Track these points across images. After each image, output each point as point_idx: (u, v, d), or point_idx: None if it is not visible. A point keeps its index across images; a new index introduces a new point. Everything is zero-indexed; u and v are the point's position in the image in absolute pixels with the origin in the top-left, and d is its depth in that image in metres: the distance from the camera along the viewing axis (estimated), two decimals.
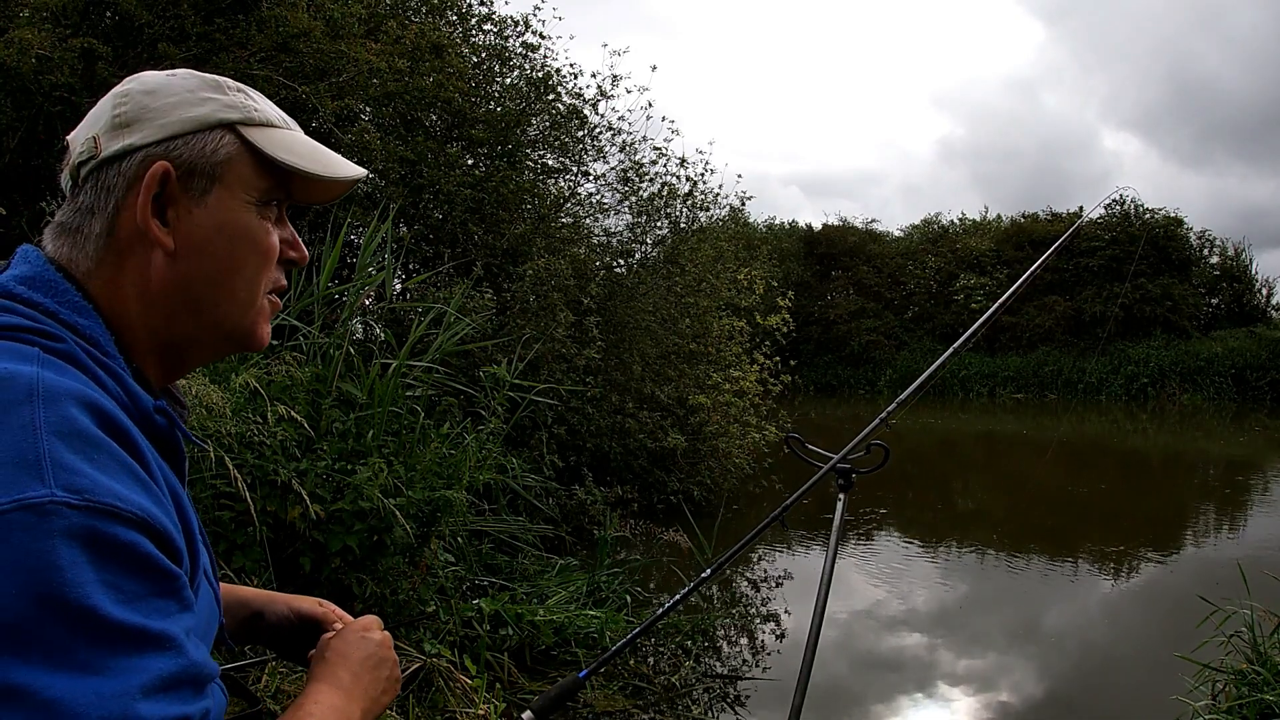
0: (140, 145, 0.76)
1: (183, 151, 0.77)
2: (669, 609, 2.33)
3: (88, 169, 0.77)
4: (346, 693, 0.89)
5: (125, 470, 0.65)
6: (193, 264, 0.77)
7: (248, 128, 0.81)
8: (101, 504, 0.61)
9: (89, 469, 0.62)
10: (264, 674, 2.91)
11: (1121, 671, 4.72)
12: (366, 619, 1.00)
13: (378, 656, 0.95)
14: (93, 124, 0.78)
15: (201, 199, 0.77)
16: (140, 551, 0.62)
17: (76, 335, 0.72)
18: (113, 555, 0.61)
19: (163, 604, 0.63)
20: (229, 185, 0.79)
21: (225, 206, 0.78)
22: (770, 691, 4.31)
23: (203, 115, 0.78)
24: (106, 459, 0.64)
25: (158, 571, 0.64)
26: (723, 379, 8.66)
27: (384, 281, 4.89)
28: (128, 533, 0.62)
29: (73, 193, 0.78)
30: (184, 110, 0.78)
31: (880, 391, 25.04)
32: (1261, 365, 22.83)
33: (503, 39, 8.35)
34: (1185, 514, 9.35)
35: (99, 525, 0.60)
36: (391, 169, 6.81)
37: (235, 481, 2.96)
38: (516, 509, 5.43)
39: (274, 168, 0.81)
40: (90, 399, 0.66)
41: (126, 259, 0.76)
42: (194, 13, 5.71)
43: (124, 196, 0.76)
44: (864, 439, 2.30)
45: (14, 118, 5.21)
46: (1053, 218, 27.61)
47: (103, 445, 0.65)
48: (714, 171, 9.81)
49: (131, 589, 0.61)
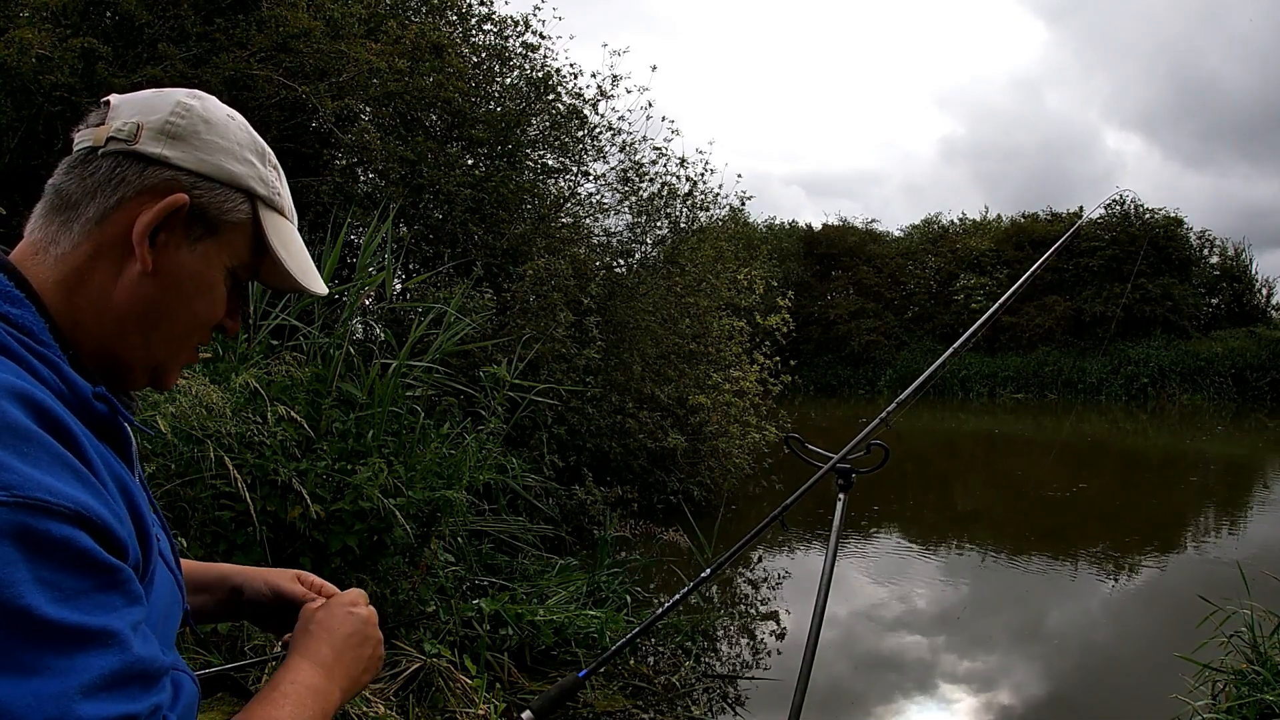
0: (175, 164, 0.78)
1: (204, 194, 0.79)
2: (669, 609, 2.33)
3: (117, 148, 0.77)
4: (328, 671, 0.87)
5: (59, 463, 0.63)
6: (157, 292, 0.77)
7: (265, 208, 0.84)
8: (32, 499, 0.59)
9: (18, 463, 0.60)
10: (264, 674, 2.91)
11: (1121, 671, 4.72)
12: (353, 592, 0.98)
13: (362, 634, 0.93)
14: (144, 111, 0.79)
15: (194, 243, 0.79)
16: (76, 546, 0.61)
17: (8, 325, 0.70)
18: (47, 552, 0.59)
19: (104, 598, 0.62)
20: (221, 244, 0.81)
21: (207, 260, 0.80)
22: (770, 691, 4.31)
23: (238, 174, 0.81)
24: (38, 452, 0.62)
25: (97, 566, 0.62)
26: (723, 379, 8.66)
27: (384, 281, 4.89)
28: (61, 528, 0.60)
29: (87, 157, 0.77)
30: (226, 159, 0.80)
31: (880, 391, 25.05)
32: (1261, 365, 22.85)
33: (503, 39, 8.35)
34: (1185, 514, 9.35)
35: (30, 521, 0.58)
36: (391, 169, 6.81)
37: (235, 481, 2.96)
38: (516, 509, 5.43)
39: (261, 251, 0.84)
40: (21, 390, 0.64)
41: (102, 257, 0.76)
42: (194, 13, 5.71)
43: (132, 197, 0.76)
44: (864, 439, 2.30)
45: (14, 118, 5.22)
46: (1053, 218, 27.63)
47: (33, 438, 0.62)
48: (714, 171, 9.83)
49: (70, 585, 0.60)
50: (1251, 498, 10.39)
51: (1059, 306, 25.67)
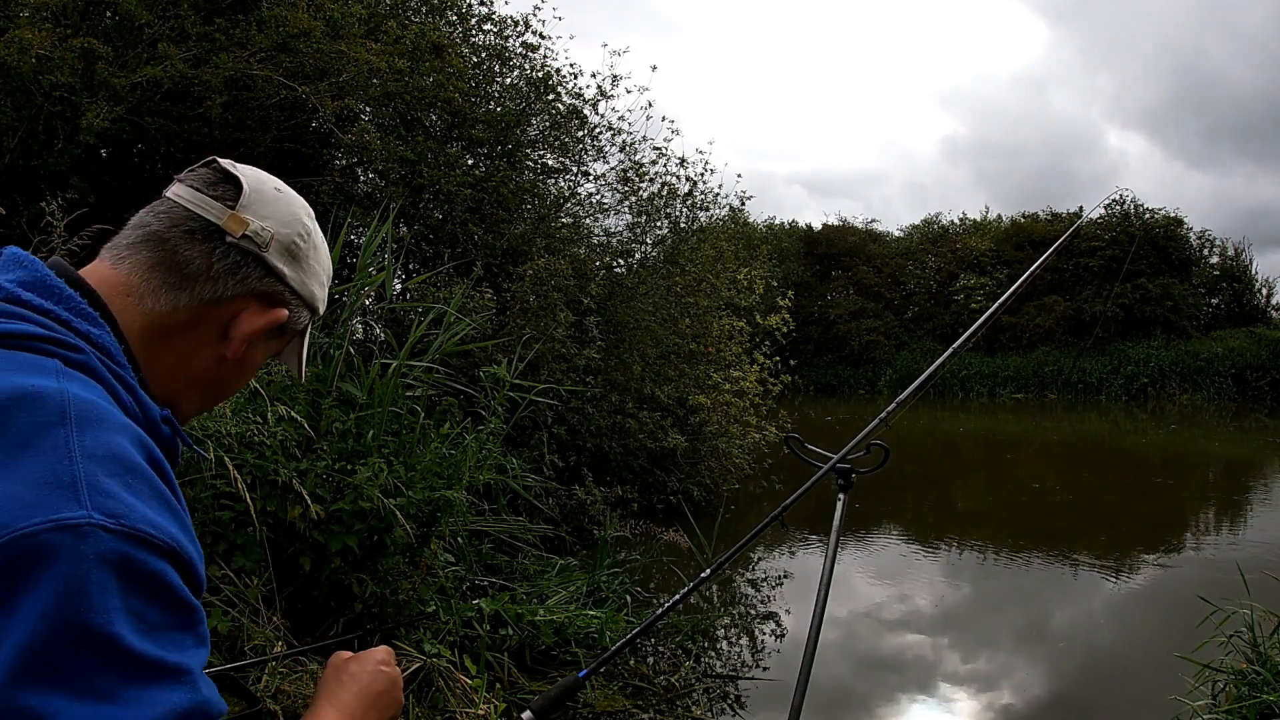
0: (287, 282, 0.88)
1: (293, 308, 0.90)
2: (669, 609, 2.33)
3: (249, 247, 0.84)
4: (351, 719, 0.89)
5: (158, 497, 0.66)
6: (230, 372, 0.89)
7: (314, 320, 0.98)
8: (136, 530, 0.61)
9: (125, 494, 0.62)
10: (264, 674, 2.91)
11: (1121, 671, 4.72)
12: (383, 650, 1.00)
13: (390, 695, 0.95)
14: (276, 220, 0.87)
15: (267, 342, 0.91)
16: (165, 581, 0.63)
17: (90, 344, 0.72)
18: (141, 584, 0.61)
19: (180, 638, 0.64)
20: (281, 342, 0.94)
21: (266, 352, 0.93)
22: (770, 691, 4.31)
23: (317, 298, 0.94)
24: (141, 485, 0.65)
25: (179, 604, 0.64)
26: (723, 379, 8.66)
27: (384, 282, 4.89)
28: (157, 561, 0.62)
29: (211, 235, 0.83)
30: (315, 285, 0.93)
31: (880, 391, 25.04)
32: (1261, 365, 22.84)
33: (503, 39, 8.34)
34: (1185, 514, 9.35)
35: (132, 552, 0.60)
36: (391, 169, 6.81)
37: (235, 481, 2.96)
38: (516, 509, 5.42)
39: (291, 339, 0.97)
40: (126, 423, 0.69)
41: (198, 328, 0.83)
42: (194, 13, 5.71)
43: (242, 294, 0.85)
44: (864, 439, 2.30)
45: (14, 118, 5.21)
46: (1053, 218, 27.64)
47: (138, 471, 0.65)
48: (713, 171, 9.80)
49: (154, 619, 0.61)
50: (1251, 498, 10.38)
51: (1059, 306, 25.67)
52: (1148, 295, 24.77)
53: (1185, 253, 26.22)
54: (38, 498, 0.59)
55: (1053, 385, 24.80)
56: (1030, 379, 25.18)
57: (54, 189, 4.15)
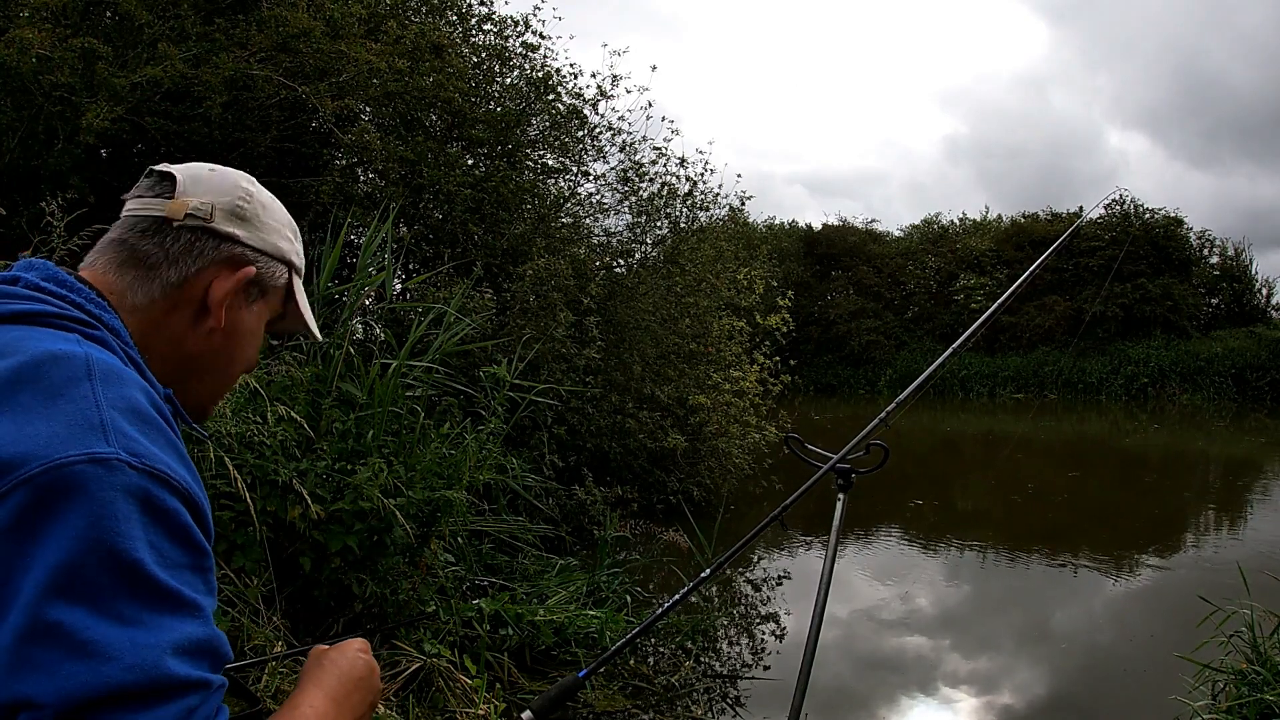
0: (243, 242, 0.94)
1: (263, 266, 0.96)
2: (669, 609, 2.33)
3: (195, 224, 0.90)
4: (338, 705, 0.91)
5: (171, 446, 0.73)
6: (224, 342, 0.94)
7: (295, 274, 1.03)
8: (156, 470, 0.68)
9: (144, 439, 0.69)
10: (264, 674, 2.91)
11: (1121, 671, 4.72)
12: (361, 642, 1.04)
13: (369, 681, 0.99)
14: (213, 192, 0.93)
15: (250, 304, 0.96)
16: (181, 521, 0.69)
17: (103, 325, 0.81)
18: (161, 519, 0.67)
19: (193, 578, 0.69)
20: (267, 303, 0.99)
21: (258, 316, 0.98)
22: (770, 691, 4.31)
23: (283, 249, 0.99)
24: (157, 434, 0.72)
25: (193, 545, 0.70)
26: (723, 379, 8.66)
27: (384, 282, 4.89)
28: (173, 500, 0.68)
29: (162, 227, 0.90)
30: (277, 239, 0.99)
31: (880, 391, 25.05)
32: (1261, 365, 22.84)
33: (503, 39, 8.34)
34: (1185, 514, 9.35)
35: (152, 488, 0.67)
36: (391, 169, 6.81)
37: (235, 481, 2.96)
38: (516, 509, 5.42)
39: (287, 303, 1.02)
40: (140, 382, 0.75)
41: (177, 310, 0.89)
42: (194, 13, 5.71)
43: (208, 267, 0.91)
44: (864, 439, 2.30)
45: (14, 118, 5.21)
46: (1053, 218, 27.63)
47: (153, 422, 0.73)
48: (713, 171, 9.80)
49: (171, 556, 0.67)
50: (1251, 498, 10.39)
51: (1059, 306, 25.67)
52: (1148, 295, 24.77)
53: (1185, 253, 26.21)
54: (71, 435, 0.66)
55: (1053, 385, 24.80)
56: (1030, 379, 25.18)
57: (54, 189, 4.14)
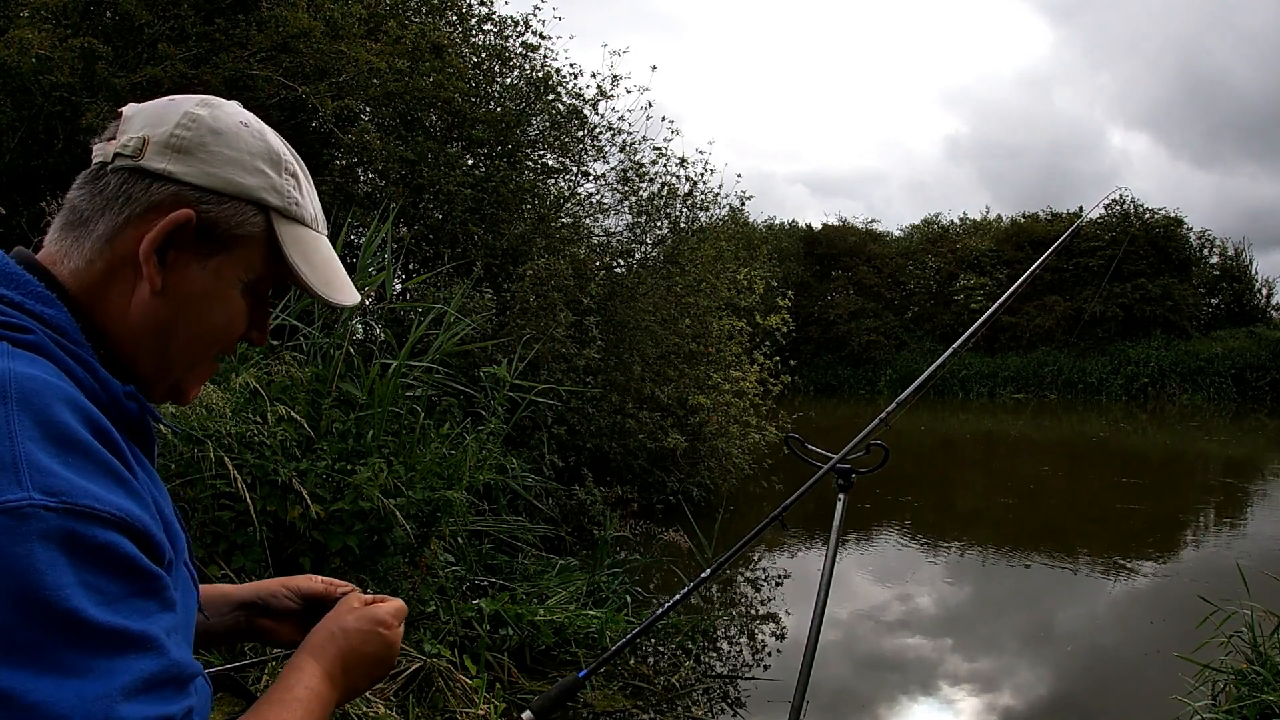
0: (180, 180, 0.75)
1: (212, 209, 0.76)
2: (669, 609, 2.33)
3: (123, 164, 0.75)
4: (334, 682, 0.87)
5: (104, 469, 0.65)
6: (169, 310, 0.76)
7: (281, 219, 0.80)
8: (79, 506, 0.60)
9: (65, 471, 0.61)
10: (264, 674, 2.91)
11: (1122, 671, 4.72)
12: (395, 607, 0.95)
13: (381, 657, 0.92)
14: (151, 124, 0.77)
15: (204, 260, 0.77)
16: (119, 552, 0.62)
17: (44, 325, 0.70)
18: (92, 557, 0.60)
19: (143, 604, 0.63)
20: (234, 258, 0.78)
21: (220, 276, 0.78)
22: (770, 691, 4.31)
23: (247, 186, 0.78)
24: (82, 460, 0.63)
25: (137, 572, 0.64)
26: (723, 379, 8.66)
27: (384, 282, 4.89)
28: (106, 533, 0.62)
29: (98, 173, 0.76)
30: (233, 171, 0.77)
31: (880, 391, 25.05)
32: (1261, 365, 22.85)
33: (503, 39, 8.35)
34: (1185, 514, 9.35)
35: (77, 527, 0.60)
36: (391, 169, 6.81)
37: (235, 481, 2.96)
38: (516, 509, 5.42)
39: (281, 262, 0.81)
40: (70, 395, 0.66)
41: (115, 275, 0.75)
42: (194, 13, 5.71)
43: (139, 214, 0.74)
44: (864, 439, 2.30)
45: (14, 118, 5.21)
46: (1053, 218, 27.64)
47: (79, 444, 0.64)
48: (713, 171, 9.80)
49: (112, 590, 0.61)
50: (1251, 498, 10.38)
51: (1059, 306, 25.67)
52: (1148, 295, 24.77)
53: (1185, 253, 26.21)
54: None
55: (1053, 385, 24.81)
56: (1030, 379, 25.19)
57: (54, 189, 4.14)
